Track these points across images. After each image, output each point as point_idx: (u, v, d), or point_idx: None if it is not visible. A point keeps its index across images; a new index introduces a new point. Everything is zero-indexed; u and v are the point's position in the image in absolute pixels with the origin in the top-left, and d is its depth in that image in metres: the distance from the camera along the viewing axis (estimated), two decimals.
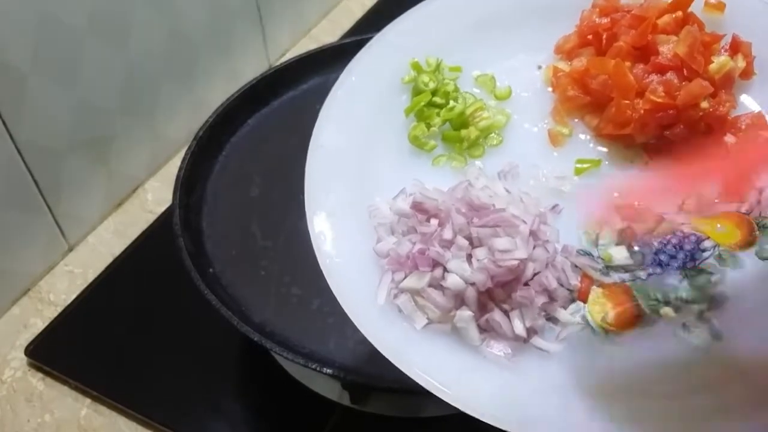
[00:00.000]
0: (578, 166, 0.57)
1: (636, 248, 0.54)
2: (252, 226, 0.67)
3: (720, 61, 0.57)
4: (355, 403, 0.64)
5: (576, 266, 0.52)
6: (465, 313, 0.48)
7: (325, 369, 0.56)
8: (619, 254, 0.53)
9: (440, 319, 0.49)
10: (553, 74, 0.62)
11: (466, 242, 0.50)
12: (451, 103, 0.61)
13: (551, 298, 0.50)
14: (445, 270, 0.49)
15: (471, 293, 0.48)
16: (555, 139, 0.59)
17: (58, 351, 0.70)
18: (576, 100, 0.60)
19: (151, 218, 0.81)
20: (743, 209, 0.55)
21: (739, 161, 0.56)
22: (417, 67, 0.62)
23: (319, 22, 1.07)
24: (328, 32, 1.05)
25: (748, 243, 0.53)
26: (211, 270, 0.64)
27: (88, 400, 0.67)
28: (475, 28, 0.65)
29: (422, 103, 0.60)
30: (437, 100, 0.61)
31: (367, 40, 0.81)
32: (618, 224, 0.55)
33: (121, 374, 0.68)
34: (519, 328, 0.48)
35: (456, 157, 0.59)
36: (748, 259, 0.53)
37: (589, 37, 0.62)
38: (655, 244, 0.54)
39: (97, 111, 0.76)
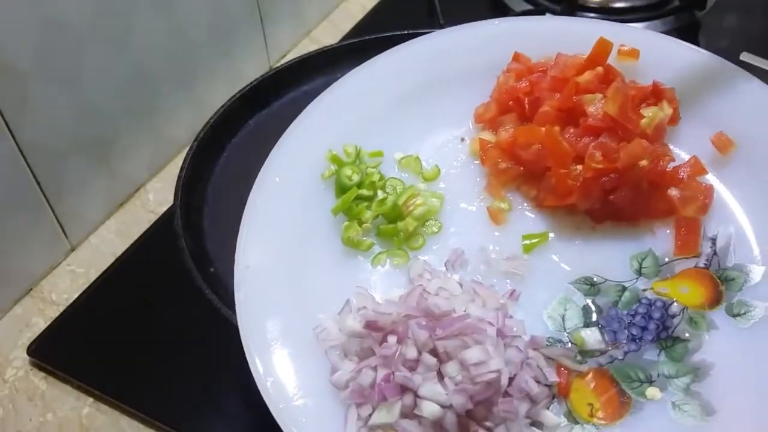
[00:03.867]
0: (526, 242, 0.55)
1: (604, 325, 0.51)
2: None
3: (650, 114, 0.56)
4: None
5: (549, 358, 0.49)
6: None
7: None
8: (591, 337, 0.50)
9: None
10: (480, 147, 0.59)
11: (433, 359, 0.45)
12: (380, 193, 0.57)
13: (533, 401, 0.46)
14: (417, 395, 0.44)
15: (450, 418, 0.44)
16: (495, 216, 0.57)
17: (60, 350, 0.70)
18: (509, 172, 0.57)
19: (152, 218, 0.82)
20: (701, 264, 0.53)
21: (687, 213, 0.54)
22: (336, 160, 0.58)
23: (320, 23, 1.07)
24: (328, 34, 1.05)
25: (716, 300, 0.52)
26: (212, 269, 0.65)
27: (90, 400, 0.67)
28: (390, 107, 0.61)
29: (350, 200, 0.55)
30: (364, 192, 0.57)
31: (367, 40, 0.82)
32: None
33: (122, 373, 0.68)
34: None
35: (396, 252, 0.55)
36: (720, 318, 0.51)
37: (510, 103, 0.59)
38: (624, 317, 0.51)
39: (98, 111, 0.76)
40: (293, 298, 0.52)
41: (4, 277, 0.73)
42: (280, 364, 0.48)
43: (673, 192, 0.55)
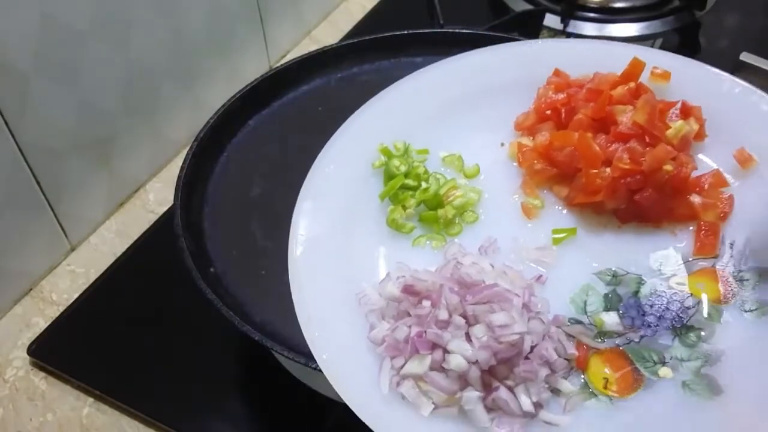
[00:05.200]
0: (555, 236, 0.59)
1: (623, 312, 0.55)
2: (252, 226, 0.68)
3: (676, 126, 0.60)
4: None
5: (570, 335, 0.52)
6: (472, 395, 0.48)
7: None
8: (610, 319, 0.54)
9: (446, 402, 0.48)
10: (518, 150, 0.64)
11: (462, 321, 0.49)
12: (424, 184, 0.62)
13: (552, 369, 0.50)
14: (446, 351, 0.48)
15: (475, 373, 0.48)
16: (528, 211, 0.61)
17: (60, 350, 0.70)
18: (544, 173, 0.62)
19: (152, 218, 0.82)
20: (718, 265, 0.57)
21: (707, 218, 0.58)
22: (386, 152, 0.63)
23: (320, 23, 1.07)
24: (328, 34, 1.05)
25: (730, 297, 0.55)
26: (212, 269, 0.65)
27: (90, 399, 0.67)
28: (437, 111, 0.67)
29: (396, 187, 0.61)
30: (410, 182, 0.62)
31: (367, 40, 0.82)
32: None
33: (123, 373, 0.68)
34: (526, 403, 0.48)
35: (435, 236, 0.60)
36: (732, 312, 0.54)
37: (548, 112, 0.64)
38: (642, 306, 0.55)
39: (98, 112, 0.76)
40: (340, 267, 0.57)
41: (4, 277, 0.73)
42: (326, 321, 0.53)
43: (696, 198, 0.59)
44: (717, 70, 0.67)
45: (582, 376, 0.51)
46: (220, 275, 0.64)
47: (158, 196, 0.85)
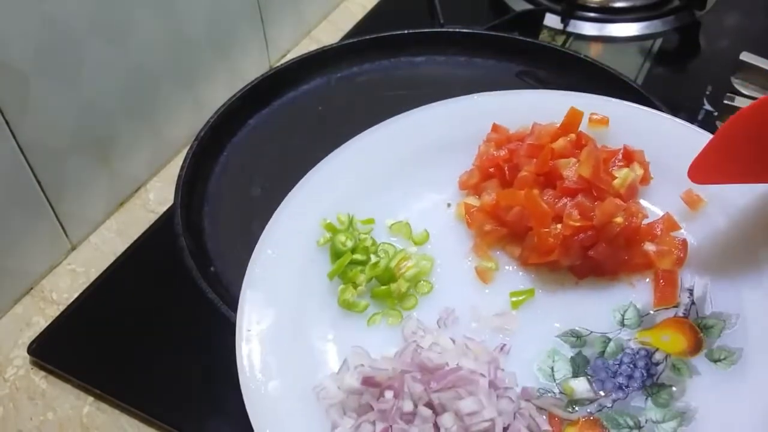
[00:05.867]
0: (514, 299, 0.58)
1: (592, 375, 0.54)
2: (253, 225, 0.68)
3: (622, 174, 0.60)
4: None
5: (541, 408, 0.51)
6: None
7: None
8: (580, 386, 0.53)
9: None
10: (466, 211, 0.63)
11: (429, 411, 0.47)
12: (373, 257, 0.60)
13: None
14: None
15: None
16: (483, 275, 0.60)
17: (60, 349, 0.70)
18: (494, 234, 0.61)
19: (152, 218, 0.82)
20: (680, 313, 0.56)
21: (663, 266, 0.58)
22: (330, 228, 0.61)
23: (320, 23, 1.07)
24: (328, 33, 1.05)
25: (697, 347, 0.54)
26: (212, 269, 0.65)
27: (90, 398, 0.67)
28: (379, 177, 0.66)
29: (345, 264, 0.59)
30: (358, 257, 0.60)
31: (367, 40, 0.82)
32: None
33: (123, 372, 0.68)
34: None
35: (390, 312, 0.58)
36: (701, 364, 0.53)
37: (491, 170, 0.64)
38: (610, 367, 0.54)
39: (99, 111, 0.76)
40: (293, 358, 0.54)
41: (4, 277, 0.73)
42: (283, 424, 0.51)
43: (650, 247, 0.59)
44: (655, 111, 0.67)
45: None
46: (220, 274, 0.64)
47: (158, 195, 0.85)
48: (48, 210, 0.75)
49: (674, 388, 0.52)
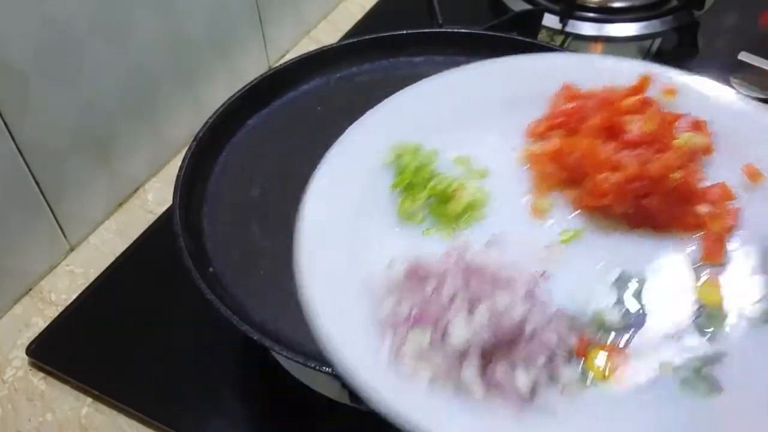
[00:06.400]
0: (564, 236, 0.59)
1: (626, 312, 0.55)
2: (252, 226, 0.68)
3: (685, 136, 0.61)
4: (354, 401, 0.64)
5: (572, 328, 0.53)
6: (469, 371, 0.48)
7: (324, 368, 0.56)
8: (612, 314, 0.54)
9: (444, 378, 0.49)
10: (529, 154, 0.65)
11: (464, 302, 0.50)
12: (433, 181, 0.62)
13: (551, 356, 0.50)
14: (446, 330, 0.49)
15: (474, 351, 0.48)
16: (537, 211, 0.61)
17: (59, 350, 0.70)
18: (553, 176, 0.62)
19: (151, 218, 0.82)
20: (724, 273, 0.57)
21: (714, 228, 0.59)
22: (398, 150, 0.64)
23: (319, 23, 1.07)
24: (328, 33, 1.05)
25: (734, 304, 0.55)
26: (211, 269, 0.65)
27: (89, 399, 0.67)
28: (449, 115, 0.68)
29: (408, 178, 0.62)
30: (421, 178, 0.62)
31: (367, 40, 0.82)
32: None
33: (122, 373, 0.68)
34: (523, 384, 0.48)
35: (444, 228, 0.60)
36: (735, 317, 0.55)
37: (559, 120, 0.65)
38: (645, 308, 0.55)
39: (98, 111, 0.76)
40: (347, 251, 0.57)
41: (3, 277, 0.73)
42: (328, 298, 0.53)
43: (703, 208, 0.60)
44: (722, 85, 0.67)
45: (581, 365, 0.52)
46: (219, 275, 0.64)
47: (157, 195, 0.85)
48: (47, 210, 0.75)
49: (706, 332, 0.54)
